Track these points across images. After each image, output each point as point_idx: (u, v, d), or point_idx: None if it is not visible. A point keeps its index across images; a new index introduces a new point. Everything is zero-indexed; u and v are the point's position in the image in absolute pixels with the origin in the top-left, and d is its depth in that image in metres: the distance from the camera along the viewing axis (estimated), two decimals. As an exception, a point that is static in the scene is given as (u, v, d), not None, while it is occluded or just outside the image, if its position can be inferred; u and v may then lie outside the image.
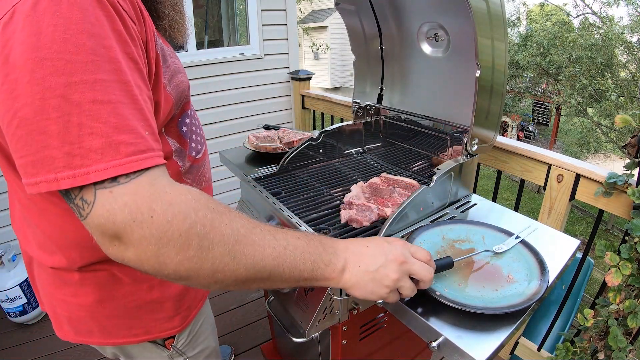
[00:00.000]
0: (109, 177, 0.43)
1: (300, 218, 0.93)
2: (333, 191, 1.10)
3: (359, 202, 0.95)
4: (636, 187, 1.06)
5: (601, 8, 9.52)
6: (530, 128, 12.95)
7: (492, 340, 0.62)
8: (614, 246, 1.13)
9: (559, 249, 0.84)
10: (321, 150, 1.28)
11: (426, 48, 1.16)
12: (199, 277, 0.47)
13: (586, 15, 9.83)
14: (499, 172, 1.51)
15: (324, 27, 15.86)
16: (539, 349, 1.56)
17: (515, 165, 1.36)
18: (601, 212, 1.24)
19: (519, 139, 11.79)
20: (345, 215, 0.91)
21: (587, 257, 1.50)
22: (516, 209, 1.41)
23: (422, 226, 0.88)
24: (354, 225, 0.90)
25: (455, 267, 0.73)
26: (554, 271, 0.75)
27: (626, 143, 1.10)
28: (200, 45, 2.67)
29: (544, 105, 12.52)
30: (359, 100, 1.39)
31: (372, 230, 0.90)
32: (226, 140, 2.69)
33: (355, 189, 1.03)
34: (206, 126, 2.57)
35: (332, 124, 2.41)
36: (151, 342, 0.78)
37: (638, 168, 1.07)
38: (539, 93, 11.48)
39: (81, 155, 0.42)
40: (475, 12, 0.82)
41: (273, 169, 1.20)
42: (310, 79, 2.78)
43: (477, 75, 0.88)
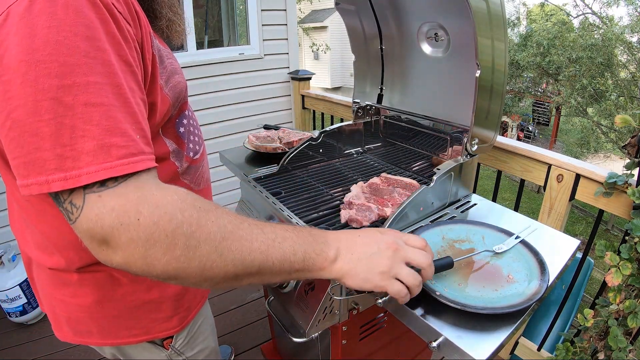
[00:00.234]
0: (99, 180, 0.43)
1: (300, 218, 0.93)
2: (333, 191, 1.09)
3: (359, 202, 0.95)
4: (636, 187, 1.06)
5: (601, 8, 9.53)
6: (530, 128, 12.95)
7: (492, 340, 0.61)
8: (614, 246, 1.13)
9: (558, 249, 0.84)
10: (321, 150, 1.28)
11: (426, 48, 1.16)
12: (188, 276, 0.47)
13: (586, 15, 9.84)
14: (499, 172, 1.51)
15: (324, 27, 15.86)
16: (539, 349, 1.56)
17: (515, 165, 1.36)
18: (601, 212, 1.24)
19: (519, 139, 11.80)
20: (345, 215, 0.91)
21: (587, 257, 1.50)
22: (516, 209, 1.41)
23: (422, 226, 0.88)
24: (354, 225, 0.90)
25: (455, 267, 0.73)
26: (554, 271, 0.75)
27: (626, 143, 1.10)
28: (200, 45, 2.67)
29: (543, 105, 12.52)
30: (359, 100, 1.39)
31: (372, 230, 0.90)
32: (226, 140, 2.69)
33: (355, 189, 1.03)
34: (206, 126, 2.57)
35: (332, 124, 2.41)
36: (149, 342, 0.78)
37: (638, 168, 1.07)
38: (538, 93, 11.48)
39: (73, 158, 0.42)
40: (475, 12, 0.82)
41: (273, 169, 1.20)
42: (310, 79, 2.78)
43: (477, 75, 0.88)
